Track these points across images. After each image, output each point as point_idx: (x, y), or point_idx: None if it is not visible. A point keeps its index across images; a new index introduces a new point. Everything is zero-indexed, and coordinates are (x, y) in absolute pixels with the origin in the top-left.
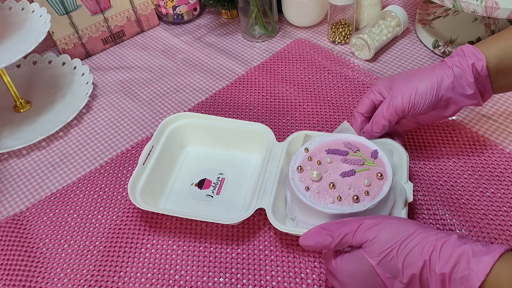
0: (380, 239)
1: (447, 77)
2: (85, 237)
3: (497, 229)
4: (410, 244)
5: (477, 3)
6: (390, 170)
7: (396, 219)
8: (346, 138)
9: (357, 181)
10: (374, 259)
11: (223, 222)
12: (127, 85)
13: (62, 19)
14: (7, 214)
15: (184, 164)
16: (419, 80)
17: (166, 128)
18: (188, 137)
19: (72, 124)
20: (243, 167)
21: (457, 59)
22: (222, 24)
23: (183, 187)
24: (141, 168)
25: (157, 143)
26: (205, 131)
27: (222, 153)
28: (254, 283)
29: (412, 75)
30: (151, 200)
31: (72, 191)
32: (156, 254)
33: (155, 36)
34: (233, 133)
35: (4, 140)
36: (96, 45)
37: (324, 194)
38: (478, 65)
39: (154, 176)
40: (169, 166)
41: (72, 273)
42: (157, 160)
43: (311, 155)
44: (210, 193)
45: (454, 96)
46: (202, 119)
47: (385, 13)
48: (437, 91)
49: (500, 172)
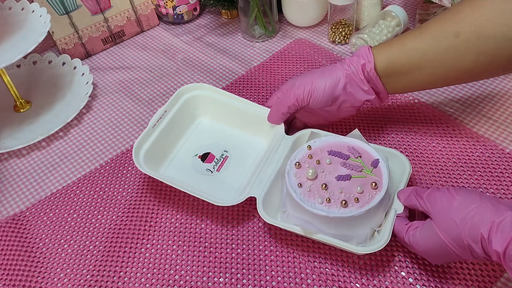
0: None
1: (343, 75)
2: (85, 237)
3: None
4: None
5: None
6: (387, 181)
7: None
8: (351, 143)
9: (351, 186)
10: (442, 232)
11: (214, 202)
12: (127, 85)
13: (62, 19)
14: (7, 214)
15: (192, 134)
16: (319, 77)
17: (182, 95)
18: (202, 108)
19: (72, 124)
20: (248, 150)
21: (355, 58)
22: (222, 24)
23: (187, 157)
24: (150, 130)
25: (170, 109)
26: (219, 106)
27: (232, 131)
28: (254, 283)
29: (314, 72)
30: (153, 164)
31: (72, 191)
32: (156, 254)
33: (155, 36)
34: (246, 115)
35: (4, 140)
36: (96, 45)
37: (315, 193)
38: (367, 66)
39: (161, 141)
40: (178, 133)
41: (72, 273)
42: (167, 125)
43: (312, 153)
44: (211, 168)
45: (350, 90)
46: (219, 94)
47: (385, 13)
48: (333, 87)
49: (500, 172)
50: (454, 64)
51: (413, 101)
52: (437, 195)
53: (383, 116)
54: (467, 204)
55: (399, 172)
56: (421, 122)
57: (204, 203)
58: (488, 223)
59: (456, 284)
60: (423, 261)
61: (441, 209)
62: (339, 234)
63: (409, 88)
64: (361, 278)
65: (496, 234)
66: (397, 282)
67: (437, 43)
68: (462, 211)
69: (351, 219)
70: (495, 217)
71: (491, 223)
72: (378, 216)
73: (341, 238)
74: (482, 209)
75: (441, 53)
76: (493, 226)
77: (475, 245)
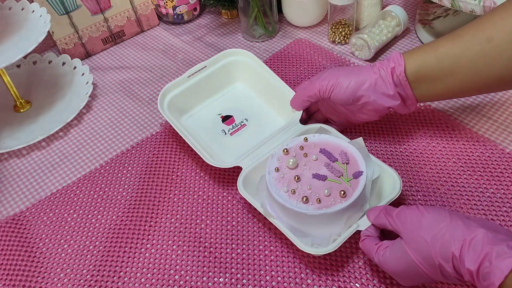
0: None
1: (370, 78)
2: (85, 237)
3: None
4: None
5: (475, 3)
6: (357, 195)
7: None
8: (346, 148)
9: (321, 187)
10: (413, 251)
11: (204, 158)
12: (127, 85)
13: (62, 19)
14: (7, 214)
15: (224, 96)
16: (346, 74)
17: (226, 57)
18: (240, 74)
19: (72, 124)
20: (265, 125)
21: (385, 62)
22: (222, 24)
23: (210, 114)
24: (183, 79)
25: (210, 66)
26: (255, 76)
27: (258, 103)
28: (254, 283)
29: (345, 68)
30: (175, 111)
31: (72, 191)
32: (156, 254)
33: (155, 36)
34: (275, 92)
35: (4, 140)
36: (96, 45)
37: (286, 182)
38: (397, 70)
39: (191, 92)
40: (210, 91)
41: (72, 273)
42: (201, 80)
43: (305, 145)
44: (226, 130)
45: (374, 94)
46: (259, 65)
47: (385, 13)
48: (357, 87)
49: (500, 172)
50: (485, 70)
51: None
52: (407, 213)
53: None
54: (438, 222)
55: (389, 190)
56: (421, 122)
57: (204, 203)
58: (459, 241)
59: (456, 284)
60: None
61: (411, 227)
62: (294, 227)
63: (439, 95)
64: (361, 278)
65: (468, 252)
66: (397, 282)
67: (469, 48)
68: (433, 229)
69: (305, 217)
70: (467, 235)
71: (463, 241)
72: (338, 225)
73: (295, 232)
74: (453, 227)
75: (473, 58)
76: (464, 244)
77: (446, 264)
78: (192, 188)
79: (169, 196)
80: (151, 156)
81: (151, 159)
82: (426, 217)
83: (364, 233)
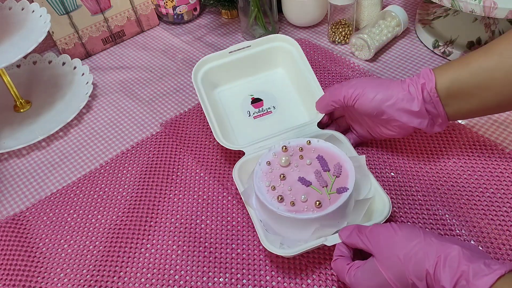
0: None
1: (397, 94)
2: (85, 237)
3: (497, 229)
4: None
5: (475, 3)
6: (331, 210)
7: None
8: (343, 162)
9: (300, 191)
10: (385, 270)
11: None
12: (127, 85)
13: (62, 19)
14: (7, 214)
15: (261, 78)
16: (374, 85)
17: (272, 41)
18: (282, 61)
19: (72, 124)
20: (290, 118)
21: (415, 78)
22: (222, 24)
23: (241, 92)
24: (224, 53)
25: (254, 47)
26: (295, 68)
27: (291, 94)
28: (254, 283)
29: (375, 80)
30: (208, 84)
31: (72, 191)
32: (156, 254)
33: (155, 36)
34: (307, 88)
35: (4, 140)
36: (96, 45)
37: (271, 177)
38: (428, 86)
39: (229, 68)
40: (248, 70)
41: (72, 273)
42: (243, 58)
43: (306, 148)
44: (251, 112)
45: (398, 113)
46: (302, 58)
47: (385, 13)
48: (382, 101)
49: (500, 172)
50: None
51: None
52: (379, 231)
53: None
54: (411, 239)
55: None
56: None
57: (204, 203)
58: (433, 258)
59: None
60: None
61: (384, 245)
62: (264, 221)
63: (473, 112)
64: None
65: (443, 269)
66: None
67: (504, 60)
68: (406, 246)
69: (276, 215)
70: (441, 251)
71: (437, 257)
72: (305, 233)
73: (268, 227)
74: (427, 244)
75: (508, 71)
76: (439, 260)
77: (420, 282)
78: (192, 188)
79: (169, 196)
80: (151, 156)
81: (151, 159)
82: (399, 235)
83: (336, 253)
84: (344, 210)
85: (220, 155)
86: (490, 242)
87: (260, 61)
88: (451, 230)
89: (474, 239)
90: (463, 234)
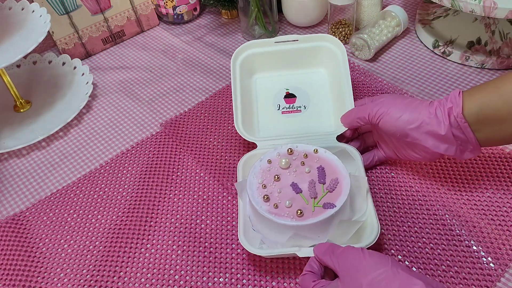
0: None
1: (423, 117)
2: (85, 237)
3: (497, 229)
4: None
5: (475, 3)
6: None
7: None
8: (343, 179)
9: (287, 196)
10: None
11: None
12: (127, 85)
13: (62, 19)
14: (7, 214)
15: (301, 74)
16: (402, 106)
17: (320, 40)
18: (326, 62)
19: (72, 124)
20: (316, 122)
21: (443, 101)
22: (222, 24)
23: (278, 84)
24: (269, 42)
25: (302, 42)
26: (336, 72)
27: (324, 97)
28: (254, 283)
29: (403, 99)
30: (246, 69)
31: (72, 191)
32: (156, 254)
33: (155, 36)
34: (341, 95)
35: (4, 140)
36: (96, 45)
37: (266, 175)
38: (454, 111)
39: (272, 57)
40: (291, 64)
41: (72, 273)
42: (288, 51)
43: (311, 155)
44: (281, 106)
45: (423, 137)
46: (344, 65)
47: (385, 13)
48: (407, 123)
49: (500, 172)
50: None
51: None
52: (349, 254)
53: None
54: (377, 267)
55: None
56: None
57: (204, 203)
58: None
59: (456, 283)
60: (423, 261)
61: (350, 268)
62: (251, 217)
63: (507, 139)
64: None
65: None
66: None
67: None
68: (371, 273)
69: (257, 212)
70: (404, 284)
71: None
72: (281, 237)
73: (254, 223)
74: (392, 274)
75: None
76: None
77: None
78: (192, 188)
79: (169, 196)
80: (151, 156)
81: (151, 159)
82: (367, 261)
83: (307, 268)
84: (326, 226)
85: (221, 154)
86: (490, 242)
87: (304, 57)
88: (451, 230)
89: (474, 239)
90: (463, 234)
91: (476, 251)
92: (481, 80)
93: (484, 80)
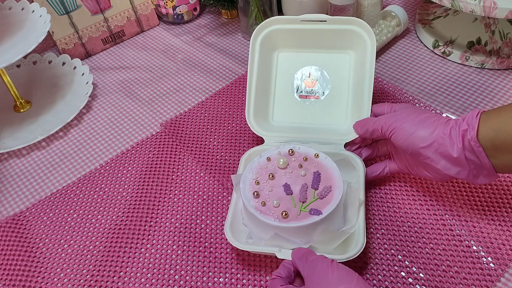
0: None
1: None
2: (85, 237)
3: (497, 229)
4: None
5: (475, 3)
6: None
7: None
8: (336, 188)
9: (278, 195)
10: None
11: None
12: (127, 85)
13: (62, 19)
14: (7, 214)
15: (328, 57)
16: (416, 123)
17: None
18: (354, 48)
19: (72, 124)
20: (331, 114)
21: (460, 121)
22: (222, 24)
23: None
24: (295, 19)
25: (330, 23)
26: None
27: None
28: (254, 283)
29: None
30: (267, 45)
31: (72, 191)
32: (156, 254)
33: (155, 36)
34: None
35: (4, 140)
36: (96, 45)
37: (261, 173)
38: (469, 134)
39: (297, 35)
40: (318, 43)
41: (72, 273)
42: (314, 30)
43: (311, 159)
44: (299, 89)
45: (435, 157)
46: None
47: (385, 13)
48: (419, 140)
49: None
50: None
51: (413, 102)
52: (318, 264)
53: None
54: (341, 282)
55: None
56: None
57: (204, 203)
58: None
59: (456, 283)
60: (423, 261)
61: (316, 279)
62: (242, 211)
63: None
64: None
65: None
66: (396, 282)
67: None
68: (334, 287)
69: (245, 207)
70: None
71: None
72: (264, 234)
73: (246, 218)
74: None
75: None
76: None
77: None
78: (192, 188)
79: (169, 196)
80: (151, 156)
81: (151, 159)
82: (333, 274)
83: (276, 273)
84: (309, 232)
85: (221, 154)
86: (490, 242)
87: (330, 40)
88: (451, 230)
89: (474, 239)
90: (463, 234)
91: (476, 251)
92: (481, 80)
93: (484, 80)
